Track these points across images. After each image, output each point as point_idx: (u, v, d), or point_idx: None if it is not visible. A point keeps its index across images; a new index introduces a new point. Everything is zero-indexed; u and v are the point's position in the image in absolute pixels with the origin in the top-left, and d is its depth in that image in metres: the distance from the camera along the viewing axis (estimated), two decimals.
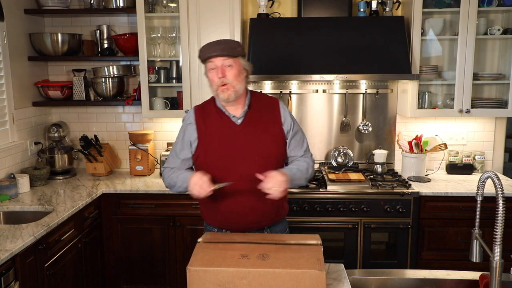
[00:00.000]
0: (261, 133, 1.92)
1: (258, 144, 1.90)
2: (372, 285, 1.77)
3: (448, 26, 3.21)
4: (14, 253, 1.97)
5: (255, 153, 1.89)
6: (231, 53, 1.83)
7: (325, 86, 3.37)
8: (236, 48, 1.85)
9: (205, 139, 1.93)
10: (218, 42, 1.85)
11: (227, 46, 1.83)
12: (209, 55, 1.83)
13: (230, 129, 1.91)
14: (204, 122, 1.95)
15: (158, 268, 3.06)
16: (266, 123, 1.94)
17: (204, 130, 1.94)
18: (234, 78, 1.84)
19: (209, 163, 1.92)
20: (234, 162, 1.89)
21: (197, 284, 1.51)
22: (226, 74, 1.83)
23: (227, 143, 1.90)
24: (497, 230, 1.38)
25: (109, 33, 3.39)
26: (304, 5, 3.17)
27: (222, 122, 1.93)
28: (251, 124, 1.92)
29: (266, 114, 1.95)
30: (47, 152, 3.29)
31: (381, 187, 2.93)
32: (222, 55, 1.82)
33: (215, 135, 1.92)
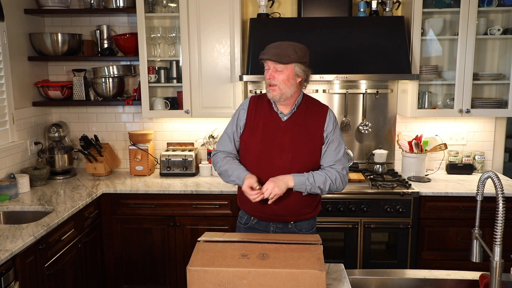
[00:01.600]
0: (301, 134, 2.00)
1: (296, 143, 1.99)
2: (372, 285, 1.77)
3: (448, 26, 3.21)
4: (14, 253, 1.97)
5: (290, 151, 1.99)
6: (282, 60, 1.90)
7: (325, 86, 3.37)
8: (289, 56, 1.90)
9: (251, 126, 2.05)
10: (277, 45, 1.93)
11: (282, 52, 1.90)
12: (262, 56, 1.95)
13: (275, 123, 2.02)
14: (255, 110, 2.07)
15: (158, 268, 3.06)
16: (309, 126, 2.02)
17: (253, 118, 2.06)
18: (282, 82, 1.93)
19: (248, 149, 2.06)
20: (269, 154, 2.00)
21: (197, 284, 1.51)
22: (275, 77, 1.93)
23: (269, 135, 2.01)
24: (497, 230, 1.38)
25: (109, 33, 3.39)
26: (304, 5, 3.17)
27: (270, 115, 2.04)
28: (295, 123, 2.01)
29: (312, 118, 2.03)
30: (47, 152, 3.29)
31: (381, 187, 2.93)
32: (272, 60, 1.92)
33: (260, 125, 2.03)
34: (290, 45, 1.92)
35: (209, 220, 2.97)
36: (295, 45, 1.94)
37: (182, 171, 3.28)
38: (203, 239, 1.72)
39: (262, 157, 2.01)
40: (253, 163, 2.04)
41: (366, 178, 3.12)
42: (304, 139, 2.00)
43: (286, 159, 1.98)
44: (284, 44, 1.92)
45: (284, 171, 1.97)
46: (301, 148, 1.99)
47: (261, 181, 1.96)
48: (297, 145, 1.99)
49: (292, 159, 1.98)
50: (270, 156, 2.00)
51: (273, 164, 1.99)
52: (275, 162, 1.99)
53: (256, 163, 2.02)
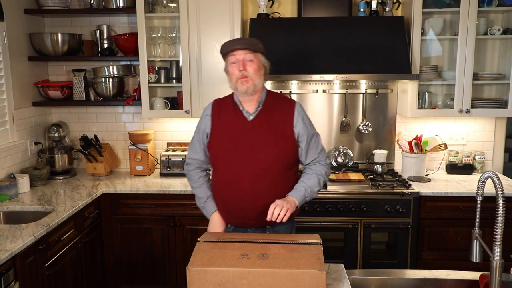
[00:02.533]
0: (269, 132, 1.95)
1: (265, 142, 1.94)
2: (372, 285, 1.77)
3: (448, 26, 3.21)
4: (14, 253, 1.97)
5: (260, 151, 1.93)
6: (253, 48, 1.91)
7: (325, 86, 3.37)
8: (257, 44, 1.93)
9: (217, 131, 2.01)
10: (240, 38, 1.99)
11: (249, 41, 1.92)
12: (232, 47, 1.91)
13: (241, 124, 1.97)
14: (219, 115, 2.03)
15: (158, 268, 3.06)
16: (277, 123, 1.97)
17: (217, 122, 2.02)
18: (254, 72, 1.92)
19: (217, 155, 2.02)
20: (239, 156, 1.94)
21: (197, 284, 1.51)
22: (247, 67, 1.91)
23: (236, 137, 1.96)
24: (497, 230, 1.38)
25: (109, 33, 3.39)
26: (304, 5, 3.17)
27: (235, 116, 1.99)
28: (261, 122, 1.96)
29: (279, 115, 1.98)
30: (47, 152, 3.29)
31: (381, 187, 2.93)
32: (244, 48, 1.90)
33: (226, 128, 1.99)
34: (250, 38, 2.02)
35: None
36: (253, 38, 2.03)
37: (182, 171, 3.28)
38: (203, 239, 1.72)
39: (231, 161, 1.95)
40: (223, 168, 2.00)
41: (366, 178, 3.12)
42: (273, 137, 1.94)
43: (257, 159, 1.92)
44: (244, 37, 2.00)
45: (256, 173, 1.92)
46: (272, 146, 1.93)
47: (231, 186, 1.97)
48: (267, 143, 1.93)
49: (264, 159, 1.92)
50: (239, 158, 1.94)
51: (244, 166, 1.93)
52: (245, 164, 1.93)
53: (226, 168, 1.98)
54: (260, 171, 1.93)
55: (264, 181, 1.94)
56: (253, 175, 1.93)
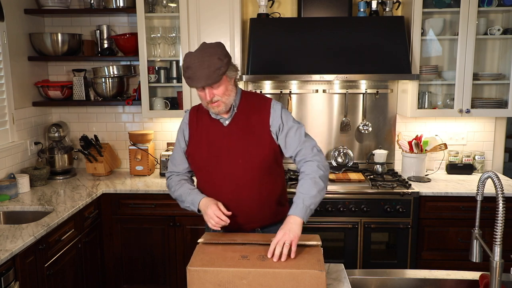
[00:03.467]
0: (246, 135, 1.88)
1: (243, 146, 1.87)
2: (372, 285, 1.77)
3: (448, 26, 3.21)
4: (14, 253, 1.97)
5: (239, 156, 1.86)
6: (216, 79, 1.75)
7: (325, 86, 3.37)
8: (219, 69, 1.74)
9: (195, 139, 1.96)
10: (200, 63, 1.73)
11: (210, 70, 1.73)
12: (193, 85, 1.77)
13: (218, 130, 1.91)
14: (196, 122, 1.97)
15: (158, 268, 3.06)
16: (253, 125, 1.88)
17: (195, 130, 1.96)
18: (223, 94, 1.81)
19: (196, 163, 1.96)
20: (219, 163, 1.89)
21: (197, 284, 1.51)
22: (214, 94, 1.80)
23: (214, 144, 1.90)
24: (497, 230, 1.38)
25: (109, 33, 3.39)
26: (304, 5, 3.17)
27: (212, 123, 1.93)
28: (237, 126, 1.89)
29: (254, 116, 1.89)
30: (47, 152, 3.29)
31: (381, 187, 2.93)
32: (208, 84, 1.76)
33: (204, 135, 1.93)
34: (212, 56, 1.74)
35: None
36: (215, 50, 1.77)
37: None
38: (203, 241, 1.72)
39: (211, 168, 1.89)
40: (204, 176, 1.94)
41: (366, 178, 3.12)
42: (250, 139, 1.87)
43: (237, 165, 1.86)
44: (206, 58, 1.73)
45: (237, 179, 1.85)
46: (250, 150, 1.86)
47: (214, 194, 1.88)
48: (245, 148, 1.86)
49: (243, 164, 1.85)
50: (219, 165, 1.88)
51: (224, 173, 1.87)
52: (225, 170, 1.87)
53: (207, 177, 1.92)
54: (240, 177, 1.86)
55: (246, 187, 1.87)
56: (234, 182, 1.87)
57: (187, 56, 1.79)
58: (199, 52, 1.77)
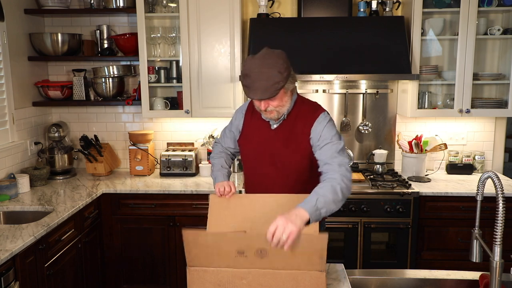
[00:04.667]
0: (288, 142, 1.92)
1: (283, 152, 1.92)
2: (372, 285, 1.77)
3: (448, 26, 3.21)
4: (14, 253, 1.97)
5: (278, 160, 1.93)
6: (273, 94, 1.73)
7: (325, 86, 3.37)
8: (278, 83, 1.72)
9: (246, 132, 2.02)
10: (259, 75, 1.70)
11: (269, 83, 1.71)
12: (250, 96, 1.76)
13: (265, 132, 1.96)
14: (251, 116, 2.02)
15: (158, 268, 3.06)
16: (296, 133, 1.91)
17: (249, 123, 2.02)
18: (277, 105, 1.81)
19: (244, 154, 2.07)
20: (261, 162, 1.97)
21: (197, 284, 1.51)
22: (269, 105, 1.80)
23: (260, 143, 1.97)
24: (497, 230, 1.38)
25: (109, 33, 3.39)
26: (304, 5, 3.17)
27: (262, 123, 1.97)
28: (283, 132, 1.93)
29: (299, 125, 1.91)
30: (47, 152, 3.29)
31: (381, 187, 2.93)
32: (264, 99, 1.75)
33: (254, 132, 1.99)
34: (272, 67, 1.71)
35: None
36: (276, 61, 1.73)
37: (182, 171, 3.28)
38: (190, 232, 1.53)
39: (255, 165, 2.00)
40: (248, 170, 2.06)
41: (366, 178, 3.12)
42: (290, 147, 1.91)
43: (275, 168, 1.94)
44: (265, 69, 1.70)
45: (274, 181, 1.94)
46: (288, 156, 1.91)
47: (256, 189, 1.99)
48: (284, 153, 1.92)
49: (281, 169, 1.93)
50: (261, 164, 1.97)
51: (264, 172, 1.97)
52: (265, 170, 1.96)
53: (251, 171, 2.05)
54: (276, 180, 1.94)
55: (279, 190, 1.91)
56: (270, 182, 1.95)
57: (248, 61, 1.76)
58: (260, 60, 1.74)
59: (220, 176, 2.04)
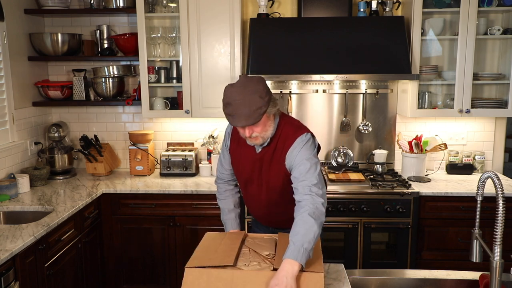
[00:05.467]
0: (271, 164, 1.93)
1: (267, 173, 1.95)
2: (372, 285, 1.77)
3: (448, 26, 3.21)
4: (14, 253, 1.97)
5: (264, 182, 1.97)
6: (257, 119, 1.73)
7: (325, 86, 3.37)
8: (260, 108, 1.72)
9: (235, 154, 2.04)
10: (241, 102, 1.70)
11: (251, 110, 1.70)
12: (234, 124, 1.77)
13: (251, 155, 1.97)
14: (237, 138, 2.00)
15: (158, 268, 3.06)
16: (277, 156, 1.91)
17: (236, 144, 2.02)
18: (261, 131, 1.82)
19: (236, 175, 2.10)
20: (250, 182, 2.01)
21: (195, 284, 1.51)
22: (253, 131, 1.80)
23: (248, 165, 1.99)
24: (497, 230, 1.38)
25: (109, 33, 3.39)
26: (304, 5, 3.17)
27: (248, 146, 1.97)
28: (266, 155, 1.93)
29: (280, 147, 1.90)
30: (47, 152, 3.29)
31: (381, 187, 2.93)
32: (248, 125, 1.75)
33: (243, 154, 2.00)
34: (254, 93, 1.71)
35: (209, 220, 2.97)
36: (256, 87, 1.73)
37: (182, 171, 3.28)
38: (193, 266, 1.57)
39: (245, 184, 2.04)
40: (242, 188, 2.10)
41: (366, 178, 3.12)
42: (273, 168, 1.92)
43: (262, 188, 1.98)
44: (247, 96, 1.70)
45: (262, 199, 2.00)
46: (272, 178, 1.93)
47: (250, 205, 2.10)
48: (268, 175, 1.94)
49: (266, 188, 1.96)
50: (250, 184, 2.01)
51: (253, 191, 2.02)
52: (254, 190, 2.01)
53: (243, 189, 2.09)
54: (265, 199, 2.00)
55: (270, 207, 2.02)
56: (260, 200, 2.01)
57: (228, 90, 1.76)
58: (240, 87, 1.74)
59: (229, 223, 2.09)
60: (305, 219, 1.65)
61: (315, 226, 1.64)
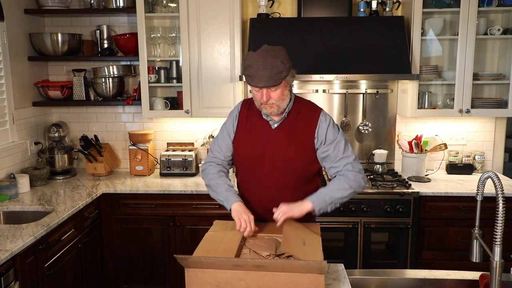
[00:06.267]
0: (290, 141, 1.91)
1: (285, 151, 1.91)
2: (372, 285, 1.77)
3: (448, 26, 3.21)
4: (14, 253, 1.97)
5: (280, 160, 1.91)
6: (277, 82, 1.78)
7: (325, 86, 3.37)
8: (282, 73, 1.77)
9: (242, 134, 1.99)
10: (263, 64, 1.76)
11: (273, 73, 1.76)
12: (254, 84, 1.79)
13: (265, 131, 1.94)
14: (246, 118, 1.99)
15: (158, 268, 3.06)
16: (299, 132, 1.92)
17: (244, 125, 1.99)
18: (278, 98, 1.83)
19: (240, 157, 2.00)
20: (260, 163, 1.94)
21: (196, 285, 1.51)
22: (270, 97, 1.82)
23: (259, 144, 1.94)
24: (497, 230, 1.38)
25: (109, 33, 3.39)
26: (304, 5, 3.17)
27: (260, 122, 1.96)
28: (284, 131, 1.92)
29: (302, 124, 1.92)
30: (47, 152, 3.29)
31: (381, 187, 2.93)
32: (268, 86, 1.79)
33: (251, 133, 1.96)
34: (276, 58, 1.77)
35: (209, 220, 2.93)
36: (278, 53, 1.79)
37: (182, 171, 3.28)
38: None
39: (253, 166, 1.96)
40: (244, 170, 2.01)
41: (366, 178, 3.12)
42: (293, 147, 1.91)
43: (276, 168, 1.92)
44: (269, 59, 1.76)
45: (274, 181, 1.92)
46: (291, 156, 1.91)
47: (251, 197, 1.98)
48: (287, 153, 1.91)
49: (282, 168, 1.91)
50: (260, 165, 1.94)
51: (264, 172, 1.94)
52: (265, 170, 1.93)
53: (247, 171, 2.00)
54: (277, 180, 1.92)
55: (281, 190, 1.93)
56: (271, 183, 1.93)
57: (249, 54, 1.81)
58: (263, 52, 1.79)
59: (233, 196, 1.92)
60: (342, 183, 1.85)
61: (347, 192, 1.85)
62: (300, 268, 1.48)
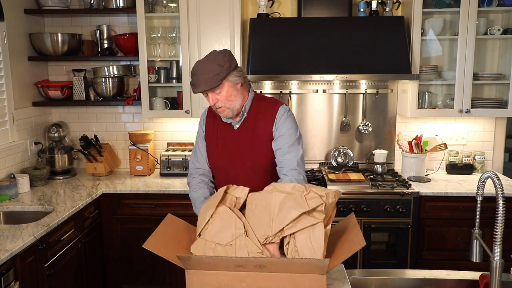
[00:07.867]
0: (253, 139, 1.95)
1: (250, 150, 1.95)
2: (372, 285, 1.77)
3: (448, 26, 3.21)
4: (14, 253, 1.97)
5: (247, 159, 1.95)
6: (214, 84, 1.81)
7: (325, 86, 3.37)
8: (218, 74, 1.79)
9: (210, 138, 2.03)
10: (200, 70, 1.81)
11: (209, 76, 1.79)
12: (194, 90, 1.85)
13: (229, 133, 1.98)
14: (213, 121, 2.04)
15: (158, 268, 3.06)
16: (260, 129, 1.95)
17: (211, 129, 2.03)
18: (226, 100, 1.86)
19: (212, 160, 2.04)
20: (230, 163, 1.98)
21: (196, 286, 1.51)
22: (217, 100, 1.87)
23: (226, 145, 1.98)
24: (497, 230, 1.38)
25: (109, 33, 3.39)
26: (304, 5, 3.17)
27: (225, 125, 2.00)
28: (246, 131, 1.96)
29: (261, 121, 1.95)
30: (47, 152, 3.29)
31: (381, 187, 2.93)
32: (206, 90, 1.83)
33: (219, 135, 2.00)
34: (213, 62, 1.80)
35: None
36: (217, 57, 1.82)
37: (182, 171, 3.28)
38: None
39: (225, 167, 2.00)
40: (218, 173, 2.05)
41: (366, 178, 3.12)
42: (256, 144, 1.94)
43: (245, 167, 1.95)
44: (206, 64, 1.80)
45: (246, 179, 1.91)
46: (256, 153, 1.94)
47: None
48: (252, 151, 1.94)
49: (251, 167, 1.95)
50: (231, 165, 1.98)
51: (235, 172, 1.97)
52: (236, 170, 1.97)
53: (221, 174, 2.03)
54: (248, 178, 1.93)
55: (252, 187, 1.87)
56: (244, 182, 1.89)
57: (195, 64, 1.86)
58: (204, 59, 1.85)
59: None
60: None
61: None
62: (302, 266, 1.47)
